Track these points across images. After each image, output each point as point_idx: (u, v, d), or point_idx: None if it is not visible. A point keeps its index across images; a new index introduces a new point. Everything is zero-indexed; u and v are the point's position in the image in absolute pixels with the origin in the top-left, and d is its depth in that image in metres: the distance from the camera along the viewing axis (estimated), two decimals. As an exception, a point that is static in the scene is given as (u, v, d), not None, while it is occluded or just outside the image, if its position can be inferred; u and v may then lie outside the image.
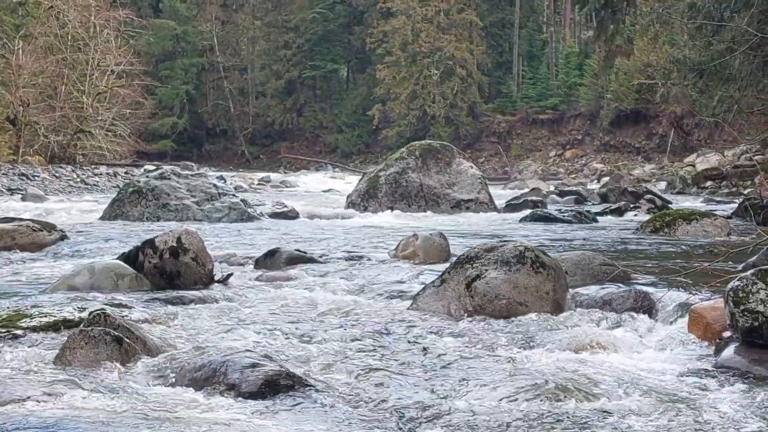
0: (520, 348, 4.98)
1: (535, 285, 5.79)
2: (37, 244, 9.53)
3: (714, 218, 11.57)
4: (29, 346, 4.73)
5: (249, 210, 14.43)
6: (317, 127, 65.75)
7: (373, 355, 4.75)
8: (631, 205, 17.99)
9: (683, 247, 9.30)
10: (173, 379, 4.18)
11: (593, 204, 20.87)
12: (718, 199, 23.28)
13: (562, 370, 4.41)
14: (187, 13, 68.39)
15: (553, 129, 54.63)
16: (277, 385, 4.04)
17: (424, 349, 4.89)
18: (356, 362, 4.60)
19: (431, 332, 5.32)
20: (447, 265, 6.64)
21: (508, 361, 4.61)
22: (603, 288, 6.07)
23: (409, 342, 5.06)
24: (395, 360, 4.66)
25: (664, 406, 3.86)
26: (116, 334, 4.50)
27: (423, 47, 57.38)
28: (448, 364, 4.57)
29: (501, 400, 3.94)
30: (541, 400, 3.90)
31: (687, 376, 4.41)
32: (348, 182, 31.51)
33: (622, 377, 4.32)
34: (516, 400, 3.92)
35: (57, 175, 28.09)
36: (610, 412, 3.78)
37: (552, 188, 29.56)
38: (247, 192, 26.41)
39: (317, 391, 4.06)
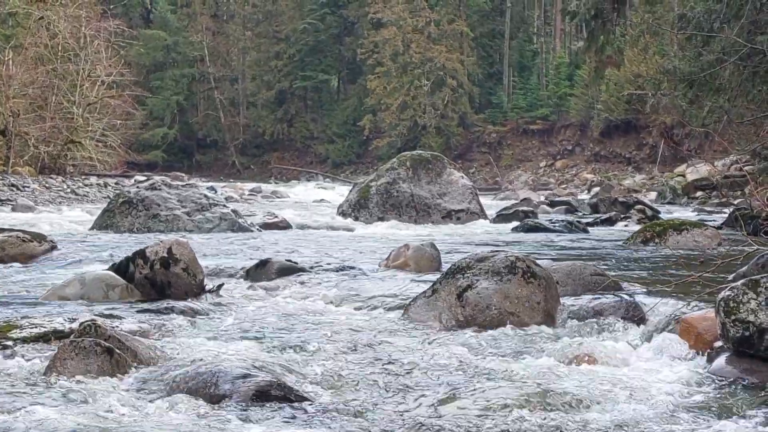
0: (510, 358, 4.98)
1: (526, 295, 5.79)
2: (27, 254, 9.48)
3: (704, 228, 11.58)
4: (20, 358, 4.71)
5: (240, 220, 14.39)
6: (308, 138, 65.77)
7: (364, 366, 4.75)
8: (622, 216, 17.99)
9: (674, 257, 9.31)
10: (164, 390, 4.17)
11: (584, 214, 20.88)
12: (709, 209, 23.33)
13: (552, 381, 4.41)
14: (177, 23, 68.45)
15: (544, 139, 54.72)
16: (268, 396, 4.03)
17: (415, 359, 4.89)
18: (347, 373, 4.59)
19: (422, 343, 5.32)
20: (438, 275, 6.64)
21: (499, 372, 4.61)
22: (594, 298, 6.07)
23: (400, 353, 5.06)
24: (386, 371, 4.66)
25: (654, 417, 3.86)
26: (107, 345, 4.48)
27: (414, 58, 57.48)
28: (439, 374, 4.57)
29: (491, 410, 3.93)
30: (530, 411, 3.90)
31: (678, 386, 4.41)
32: (339, 193, 31.48)
33: (612, 388, 4.32)
34: (506, 410, 3.92)
35: (47, 185, 27.97)
36: (600, 423, 3.78)
37: (543, 198, 29.60)
38: (238, 202, 26.35)
39: (308, 401, 4.05)
